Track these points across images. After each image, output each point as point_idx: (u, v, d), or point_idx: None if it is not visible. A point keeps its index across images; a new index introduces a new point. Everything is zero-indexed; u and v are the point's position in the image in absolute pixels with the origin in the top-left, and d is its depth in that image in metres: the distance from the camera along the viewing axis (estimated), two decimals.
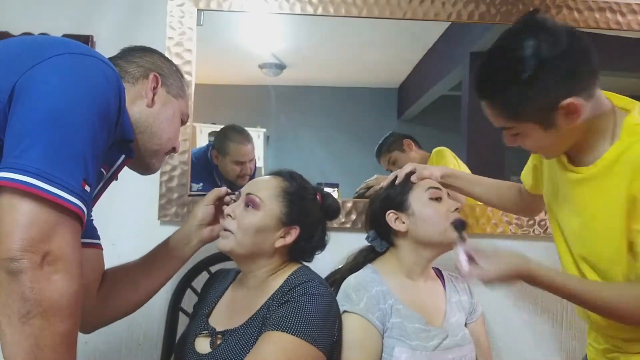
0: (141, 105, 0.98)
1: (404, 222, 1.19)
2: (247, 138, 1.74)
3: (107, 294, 1.10)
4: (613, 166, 0.93)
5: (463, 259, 0.99)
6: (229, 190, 1.19)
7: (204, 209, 1.16)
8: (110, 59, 0.95)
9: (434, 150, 1.74)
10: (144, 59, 1.02)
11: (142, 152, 1.00)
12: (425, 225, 1.17)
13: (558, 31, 0.90)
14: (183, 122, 1.09)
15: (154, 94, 1.00)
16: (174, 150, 1.07)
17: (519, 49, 0.90)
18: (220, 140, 1.74)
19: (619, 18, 1.61)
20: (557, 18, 1.58)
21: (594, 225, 0.99)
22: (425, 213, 1.17)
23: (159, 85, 1.01)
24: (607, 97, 1.00)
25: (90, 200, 0.78)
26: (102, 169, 0.91)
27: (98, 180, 0.88)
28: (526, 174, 1.25)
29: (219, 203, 1.18)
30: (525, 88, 0.90)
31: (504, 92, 0.93)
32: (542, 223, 1.57)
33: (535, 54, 0.89)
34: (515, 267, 0.96)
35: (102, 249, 1.11)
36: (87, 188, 0.74)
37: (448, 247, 1.20)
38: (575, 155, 1.02)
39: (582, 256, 1.04)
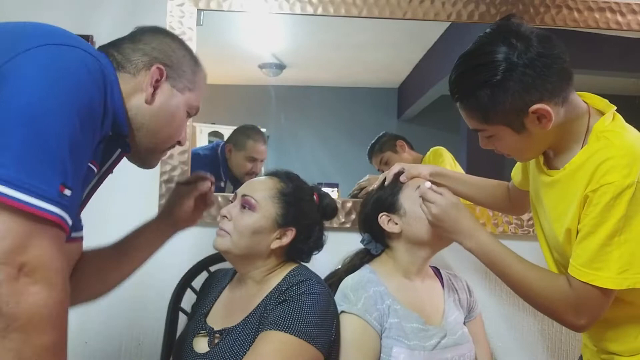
0: (140, 100, 0.90)
1: (396, 224, 1.19)
2: (264, 139, 1.80)
3: (74, 282, 1.06)
4: (578, 170, 0.95)
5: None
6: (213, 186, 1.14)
7: (184, 206, 1.10)
8: (117, 41, 0.92)
9: (431, 149, 1.74)
10: (151, 44, 0.92)
11: (139, 148, 0.95)
12: (418, 224, 1.17)
13: (530, 37, 0.92)
14: (190, 115, 1.00)
15: (156, 88, 0.91)
16: (179, 143, 1.01)
17: (490, 53, 0.93)
18: (237, 135, 1.78)
19: (619, 18, 1.61)
20: (557, 18, 1.59)
21: (557, 225, 1.01)
22: (417, 211, 1.16)
23: (163, 78, 0.92)
24: (585, 99, 1.01)
25: (75, 203, 0.74)
26: (93, 166, 0.85)
27: (87, 178, 0.84)
28: (516, 171, 1.26)
29: (199, 196, 1.12)
30: (494, 92, 0.92)
31: (474, 95, 0.95)
32: None
33: (506, 59, 0.91)
34: (464, 212, 1.09)
35: (83, 238, 1.02)
36: (67, 192, 0.70)
37: (443, 245, 1.20)
38: (552, 157, 1.04)
39: (556, 253, 1.07)
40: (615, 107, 0.99)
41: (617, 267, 0.89)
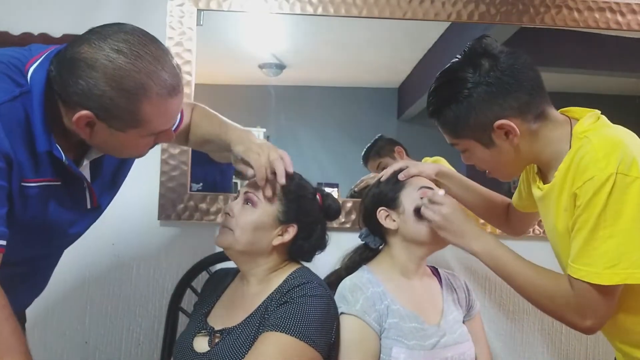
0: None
1: (394, 220, 1.20)
2: None
3: None
4: (565, 176, 0.95)
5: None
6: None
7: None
8: (64, 56, 0.83)
9: (433, 158, 1.73)
10: (81, 83, 0.81)
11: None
12: (415, 224, 1.17)
13: (497, 56, 0.97)
14: (159, 138, 0.94)
15: (91, 128, 0.86)
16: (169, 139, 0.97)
17: (458, 71, 1.00)
18: None
19: (619, 18, 1.61)
20: (557, 18, 1.59)
21: (555, 234, 1.02)
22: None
23: (93, 120, 0.84)
24: (566, 113, 1.02)
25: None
26: (48, 182, 0.91)
27: (46, 193, 0.90)
28: (515, 193, 1.26)
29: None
30: (460, 108, 0.99)
31: (442, 111, 1.02)
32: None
33: (472, 76, 0.97)
34: (468, 216, 1.11)
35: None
36: None
37: (438, 246, 1.21)
38: (545, 174, 1.05)
39: (562, 265, 1.07)
40: (599, 111, 1.00)
41: (603, 262, 0.88)
